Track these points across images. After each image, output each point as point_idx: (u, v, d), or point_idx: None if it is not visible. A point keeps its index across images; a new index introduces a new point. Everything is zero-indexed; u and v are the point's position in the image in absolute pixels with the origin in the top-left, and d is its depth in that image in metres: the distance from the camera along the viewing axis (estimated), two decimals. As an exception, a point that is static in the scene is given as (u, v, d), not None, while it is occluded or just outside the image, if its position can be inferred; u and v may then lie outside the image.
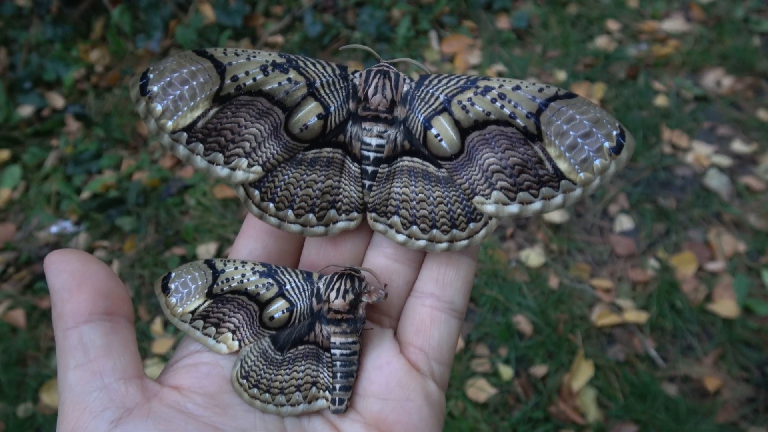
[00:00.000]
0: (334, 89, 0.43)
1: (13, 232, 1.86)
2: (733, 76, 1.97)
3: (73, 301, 0.39)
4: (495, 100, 0.41)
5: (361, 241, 0.46)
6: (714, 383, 1.35)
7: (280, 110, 0.42)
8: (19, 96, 2.18)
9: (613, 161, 0.39)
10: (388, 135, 0.42)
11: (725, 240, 1.57)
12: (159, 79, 0.40)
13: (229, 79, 0.41)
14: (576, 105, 0.40)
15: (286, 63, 0.42)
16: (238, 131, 0.41)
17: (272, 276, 0.44)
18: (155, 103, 0.40)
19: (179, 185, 1.87)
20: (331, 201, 0.44)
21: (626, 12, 2.26)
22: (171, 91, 0.40)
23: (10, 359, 1.55)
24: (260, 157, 0.42)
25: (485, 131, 0.41)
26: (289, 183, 0.43)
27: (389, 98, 0.42)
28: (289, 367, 0.44)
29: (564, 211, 1.68)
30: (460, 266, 0.45)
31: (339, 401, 0.42)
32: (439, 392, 0.44)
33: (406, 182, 0.43)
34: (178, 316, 0.44)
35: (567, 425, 1.32)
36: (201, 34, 2.19)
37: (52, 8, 2.28)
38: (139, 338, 1.57)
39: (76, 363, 0.38)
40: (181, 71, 0.40)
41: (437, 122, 0.42)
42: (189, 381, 0.42)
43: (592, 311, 1.49)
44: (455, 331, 0.45)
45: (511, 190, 0.41)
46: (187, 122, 0.40)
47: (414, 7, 2.27)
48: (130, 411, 0.38)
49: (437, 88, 0.42)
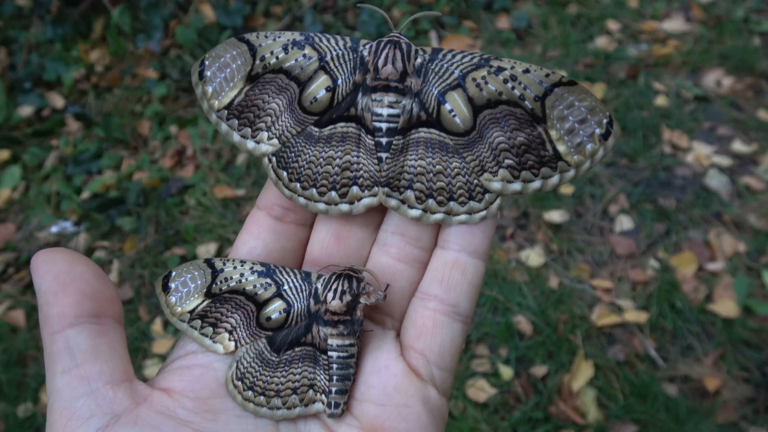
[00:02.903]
0: (343, 62, 0.43)
1: (13, 232, 1.86)
2: (733, 76, 1.97)
3: (59, 305, 0.38)
4: (507, 81, 0.42)
5: (366, 238, 0.45)
6: (714, 383, 1.34)
7: (295, 85, 0.43)
8: (19, 96, 2.18)
9: (602, 146, 0.42)
10: (403, 105, 0.42)
11: (725, 240, 1.57)
12: (212, 64, 0.44)
13: (258, 60, 0.43)
14: (576, 92, 0.42)
15: (303, 40, 0.44)
16: (262, 107, 0.44)
17: (270, 276, 0.43)
18: (208, 86, 0.44)
19: (179, 185, 1.87)
20: (352, 177, 0.43)
21: (626, 12, 2.25)
22: (218, 74, 0.44)
23: (10, 359, 1.55)
24: (278, 130, 0.44)
25: (496, 110, 0.42)
26: (310, 161, 0.44)
27: (400, 69, 0.42)
28: (286, 369, 0.43)
29: (564, 211, 1.68)
30: (467, 268, 0.43)
31: (335, 405, 0.41)
32: (439, 399, 0.43)
33: (422, 154, 0.43)
34: (177, 315, 0.43)
35: (567, 425, 1.32)
36: (201, 34, 2.19)
37: (52, 8, 2.28)
38: (139, 338, 1.57)
39: (62, 368, 0.37)
40: (226, 56, 0.44)
41: (451, 97, 0.42)
42: (181, 384, 0.41)
43: (592, 311, 1.49)
44: (459, 336, 0.43)
45: (516, 169, 0.42)
46: (227, 101, 0.44)
47: (414, 7, 2.27)
48: (118, 417, 0.37)
49: (452, 63, 0.43)
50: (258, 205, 0.45)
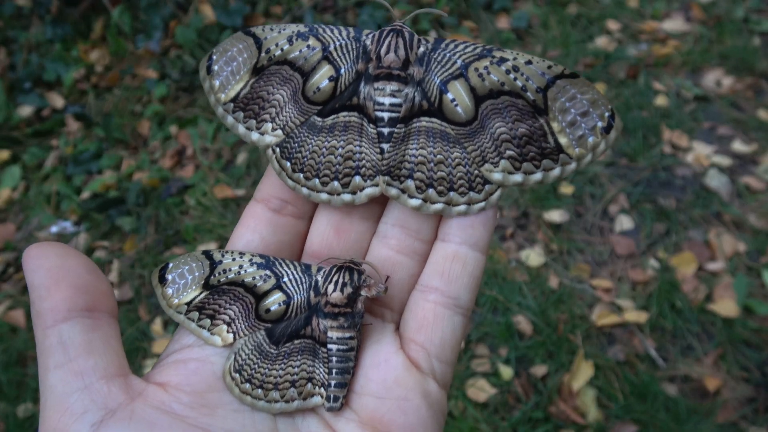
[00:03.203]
0: (346, 51, 0.43)
1: (13, 232, 1.86)
2: (733, 76, 1.97)
3: (51, 299, 0.37)
4: (509, 72, 0.42)
5: (366, 229, 0.45)
6: (714, 383, 1.34)
7: (299, 75, 0.44)
8: (19, 96, 2.18)
9: (604, 140, 0.42)
10: (405, 94, 0.42)
11: (725, 240, 1.57)
12: (219, 58, 0.44)
13: (263, 53, 0.44)
14: (578, 85, 0.42)
15: (307, 31, 0.44)
16: (267, 98, 0.44)
17: (270, 268, 0.43)
18: (215, 80, 0.44)
19: (179, 185, 1.87)
20: (354, 167, 0.43)
21: (626, 12, 2.26)
22: (225, 67, 0.44)
23: (10, 359, 1.55)
24: (282, 120, 0.44)
25: (498, 101, 0.42)
26: (313, 152, 0.44)
27: (403, 57, 0.42)
28: (284, 362, 0.42)
29: (564, 211, 1.68)
30: (467, 260, 0.43)
31: (334, 398, 0.41)
32: (439, 392, 0.42)
33: (423, 143, 0.43)
34: (173, 307, 0.43)
35: (567, 425, 1.32)
36: (201, 34, 2.19)
37: (52, 8, 2.28)
38: (139, 338, 1.57)
39: (56, 363, 0.37)
40: (233, 50, 0.44)
41: (453, 87, 0.42)
42: (176, 378, 0.40)
43: (592, 311, 1.49)
44: (460, 329, 0.43)
45: (517, 160, 0.42)
46: (234, 93, 0.44)
47: (414, 7, 2.27)
48: (113, 412, 0.37)
49: (454, 52, 0.43)
50: (256, 198, 0.45)
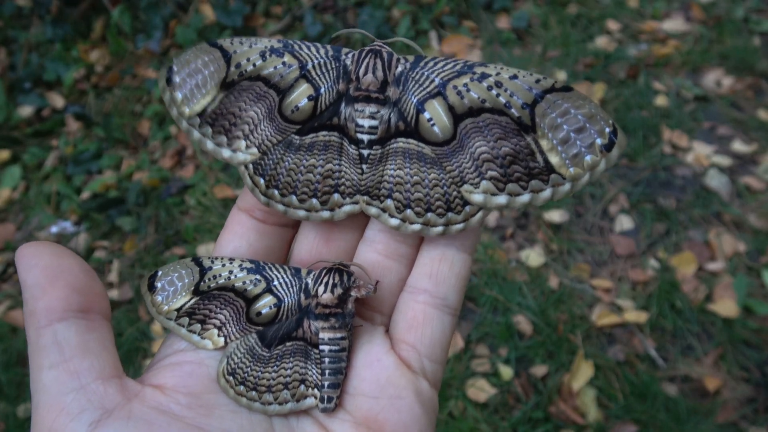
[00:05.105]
0: (326, 70, 0.42)
1: (13, 232, 1.86)
2: (733, 76, 1.97)
3: (46, 298, 0.37)
4: (491, 88, 0.40)
5: (353, 237, 0.45)
6: (714, 383, 1.34)
7: (275, 93, 0.42)
8: (19, 96, 2.18)
9: (604, 158, 0.39)
10: (381, 115, 0.42)
11: (725, 240, 1.56)
12: (180, 70, 0.42)
13: (233, 67, 0.42)
14: (572, 99, 0.40)
15: (282, 47, 0.43)
16: (239, 115, 0.43)
17: (260, 272, 0.43)
18: (177, 92, 0.43)
19: (179, 185, 1.87)
20: (334, 185, 0.43)
21: (626, 12, 2.25)
22: (189, 80, 0.42)
23: (10, 359, 1.55)
24: (257, 138, 0.43)
25: (479, 119, 0.40)
26: (290, 169, 0.43)
27: (380, 78, 0.41)
28: (277, 364, 0.43)
29: (564, 211, 1.68)
30: (454, 262, 0.43)
31: (327, 399, 0.41)
32: (431, 391, 0.43)
33: (400, 164, 0.42)
34: (163, 313, 0.43)
35: (567, 425, 1.32)
36: (201, 34, 2.19)
37: (52, 8, 2.28)
38: (139, 338, 1.57)
39: (50, 363, 0.37)
40: (197, 62, 0.42)
41: (431, 106, 0.41)
42: (172, 380, 0.40)
43: (592, 311, 1.49)
44: (449, 329, 0.44)
45: (501, 181, 0.40)
46: (200, 108, 0.43)
47: (414, 7, 2.27)
48: (110, 413, 0.36)
49: (433, 70, 0.41)
50: (239, 206, 0.45)
